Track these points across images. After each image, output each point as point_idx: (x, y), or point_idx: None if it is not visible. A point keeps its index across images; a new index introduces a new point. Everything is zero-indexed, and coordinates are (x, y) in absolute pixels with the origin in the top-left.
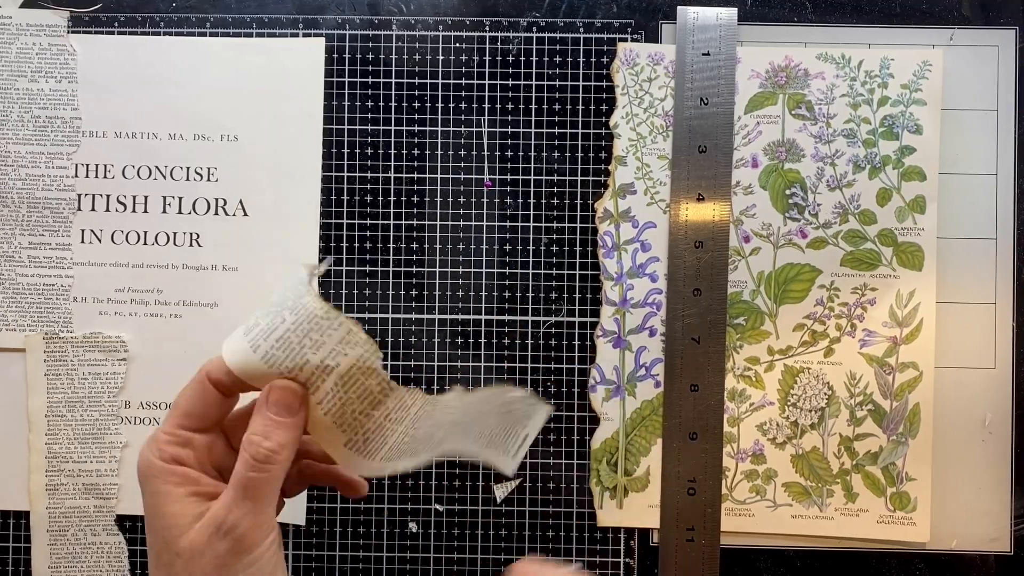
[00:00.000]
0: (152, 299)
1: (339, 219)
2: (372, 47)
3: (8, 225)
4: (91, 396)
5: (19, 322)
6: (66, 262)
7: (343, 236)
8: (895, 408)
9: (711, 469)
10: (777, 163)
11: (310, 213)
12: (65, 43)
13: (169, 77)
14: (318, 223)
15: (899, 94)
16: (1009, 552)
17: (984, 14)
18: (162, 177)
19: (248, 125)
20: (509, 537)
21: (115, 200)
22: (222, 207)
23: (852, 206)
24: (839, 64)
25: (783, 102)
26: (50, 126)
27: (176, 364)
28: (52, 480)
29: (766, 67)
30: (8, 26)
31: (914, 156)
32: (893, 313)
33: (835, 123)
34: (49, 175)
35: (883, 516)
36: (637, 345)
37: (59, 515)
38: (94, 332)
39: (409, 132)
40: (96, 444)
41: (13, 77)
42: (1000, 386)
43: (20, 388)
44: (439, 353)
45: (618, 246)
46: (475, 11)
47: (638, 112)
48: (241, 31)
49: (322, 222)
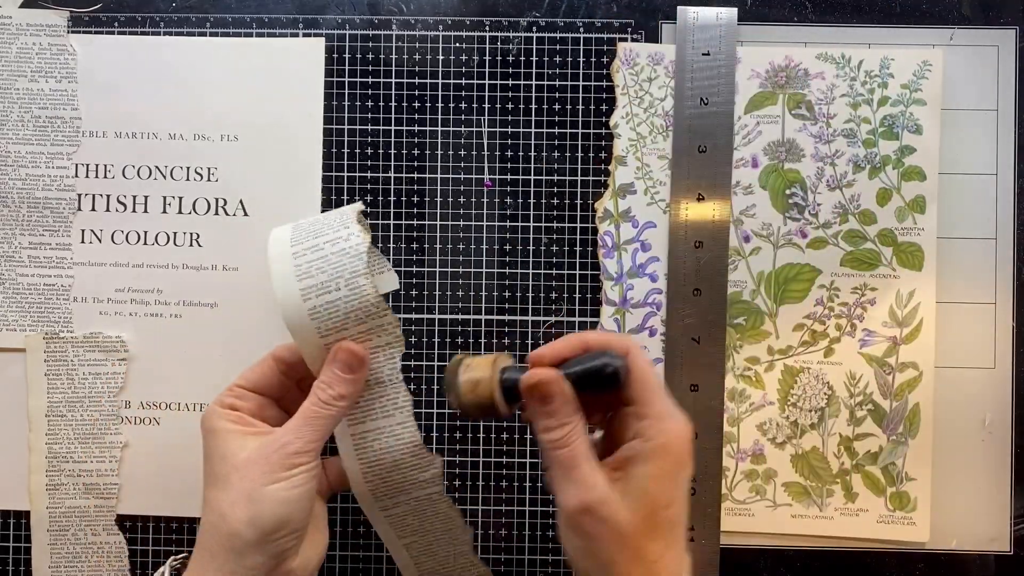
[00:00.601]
0: (152, 299)
1: None
2: (372, 47)
3: (8, 225)
4: (91, 396)
5: (19, 322)
6: (66, 262)
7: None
8: (895, 408)
9: (711, 469)
10: (777, 163)
11: (310, 213)
12: (65, 43)
13: (169, 77)
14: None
15: (899, 94)
16: (1009, 552)
17: (984, 14)
18: (162, 177)
19: (248, 125)
20: (509, 537)
21: (115, 200)
22: (222, 207)
23: (852, 206)
24: (839, 64)
25: (783, 102)
26: (50, 126)
27: (176, 364)
28: (52, 480)
29: (766, 67)
30: (8, 26)
31: (914, 156)
32: (893, 313)
33: (835, 123)
34: (49, 175)
35: (883, 516)
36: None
37: (59, 515)
38: (94, 332)
39: (409, 132)
40: (96, 444)
41: (13, 77)
42: (1000, 386)
43: (20, 388)
44: (439, 353)
45: (618, 246)
46: (475, 11)
47: (638, 112)
48: (241, 31)
49: None
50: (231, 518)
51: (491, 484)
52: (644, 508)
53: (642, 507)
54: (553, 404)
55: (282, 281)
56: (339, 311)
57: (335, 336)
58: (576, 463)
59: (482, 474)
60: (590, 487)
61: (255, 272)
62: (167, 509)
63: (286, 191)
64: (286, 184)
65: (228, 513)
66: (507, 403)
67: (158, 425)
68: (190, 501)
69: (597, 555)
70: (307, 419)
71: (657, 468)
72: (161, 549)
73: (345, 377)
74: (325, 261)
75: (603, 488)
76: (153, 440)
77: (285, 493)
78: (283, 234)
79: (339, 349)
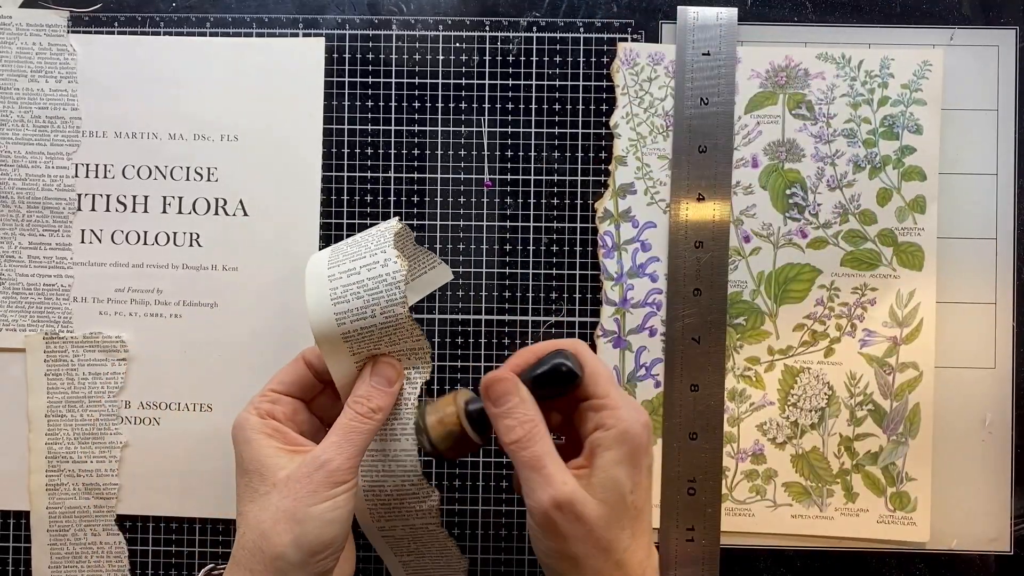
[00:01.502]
0: (152, 299)
1: (339, 219)
2: (372, 47)
3: (8, 225)
4: (91, 396)
5: (19, 322)
6: (66, 262)
7: (343, 236)
8: (895, 408)
9: (711, 469)
10: (777, 163)
11: (310, 213)
12: (65, 43)
13: (169, 77)
14: (318, 223)
15: (899, 94)
16: (1009, 552)
17: (984, 14)
18: (162, 177)
19: (248, 125)
20: (509, 537)
21: (115, 200)
22: (222, 207)
23: (852, 206)
24: (839, 64)
25: (783, 102)
26: (50, 126)
27: (176, 364)
28: (52, 480)
29: (766, 67)
30: (8, 26)
31: (914, 156)
32: (893, 313)
33: (835, 123)
34: (49, 175)
35: (883, 516)
36: (637, 345)
37: (59, 515)
38: (94, 332)
39: (409, 132)
40: (96, 444)
41: (13, 77)
42: (1000, 386)
43: (20, 388)
44: (439, 353)
45: (618, 246)
46: (475, 11)
47: (638, 112)
48: (241, 31)
49: (322, 222)
50: (274, 539)
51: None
52: (611, 496)
53: (610, 495)
54: (510, 402)
55: (317, 304)
56: (373, 336)
57: (367, 355)
58: (542, 462)
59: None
60: (559, 483)
61: (255, 272)
62: (167, 509)
63: (286, 191)
64: (286, 184)
65: (270, 533)
66: (477, 432)
67: (158, 425)
68: (190, 501)
69: (567, 552)
70: (345, 434)
71: (620, 453)
72: (161, 549)
73: (383, 390)
74: (361, 287)
75: (571, 483)
76: (153, 440)
77: (330, 514)
78: (322, 256)
79: (379, 362)
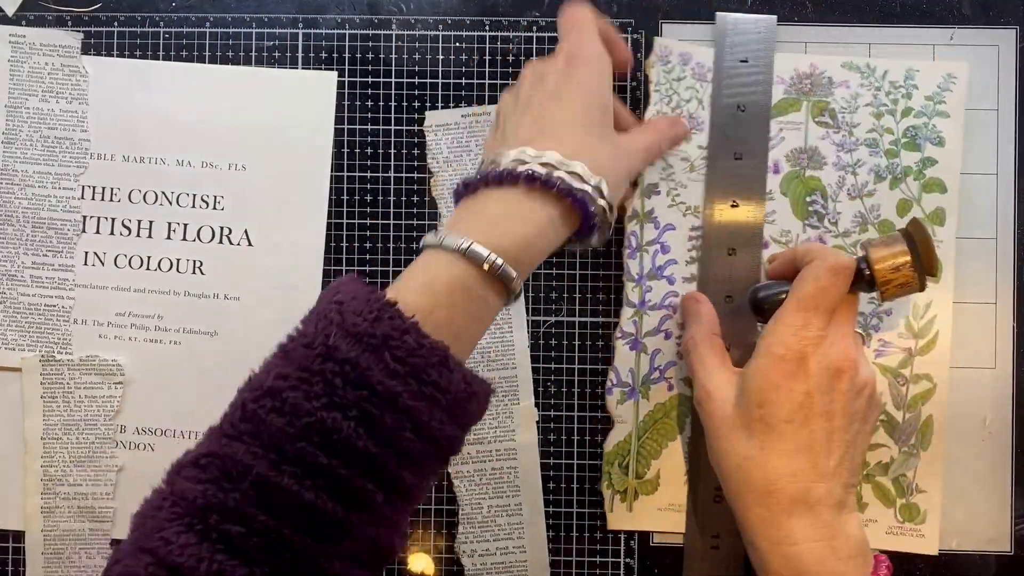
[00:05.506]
0: (152, 324)
1: (339, 219)
2: (372, 47)
3: (12, 244)
4: (87, 419)
5: (18, 341)
6: (68, 283)
7: (343, 236)
8: (908, 419)
9: None
10: (799, 170)
11: (314, 247)
12: (78, 64)
13: (180, 103)
14: (322, 259)
15: (923, 105)
16: (1009, 552)
17: (984, 14)
18: (168, 203)
19: (257, 156)
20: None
21: (120, 224)
22: (227, 236)
23: (872, 216)
24: (863, 73)
25: (807, 109)
26: (59, 146)
27: (173, 391)
28: (48, 502)
29: (791, 73)
30: (21, 45)
31: (935, 168)
32: (909, 324)
33: (858, 132)
34: (55, 195)
35: (892, 527)
36: (652, 347)
37: (54, 537)
38: (91, 355)
39: (409, 132)
40: (92, 467)
41: (24, 96)
42: (1000, 386)
43: (17, 408)
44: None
45: (641, 247)
46: (475, 11)
47: (666, 111)
48: (241, 30)
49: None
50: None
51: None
52: (743, 400)
53: (741, 399)
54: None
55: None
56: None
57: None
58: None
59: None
60: (709, 371)
61: (256, 303)
62: None
63: (291, 224)
64: (292, 217)
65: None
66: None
67: (153, 451)
68: None
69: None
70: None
71: (760, 365)
72: None
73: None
74: None
75: (718, 375)
76: (148, 465)
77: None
78: None
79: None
